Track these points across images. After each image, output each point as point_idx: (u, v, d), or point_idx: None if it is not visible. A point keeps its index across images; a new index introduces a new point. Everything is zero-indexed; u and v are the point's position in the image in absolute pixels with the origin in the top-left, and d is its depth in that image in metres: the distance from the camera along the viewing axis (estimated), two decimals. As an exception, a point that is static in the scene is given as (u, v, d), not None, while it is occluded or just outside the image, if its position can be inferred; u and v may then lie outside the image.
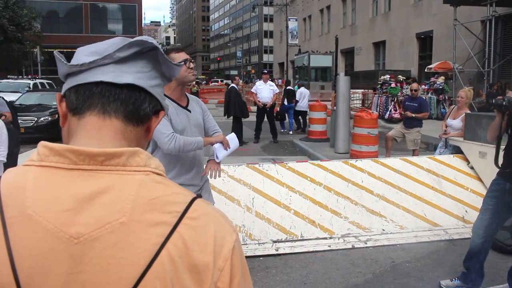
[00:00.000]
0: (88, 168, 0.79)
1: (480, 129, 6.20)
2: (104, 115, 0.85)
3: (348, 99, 11.08)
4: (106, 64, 0.85)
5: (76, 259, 0.74)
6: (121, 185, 0.79)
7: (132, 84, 0.86)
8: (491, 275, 4.21)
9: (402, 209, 5.71)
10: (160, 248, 0.76)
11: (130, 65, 0.87)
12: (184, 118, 3.16)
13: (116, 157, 0.81)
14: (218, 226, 0.84)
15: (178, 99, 3.18)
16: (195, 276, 0.79)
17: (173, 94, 3.15)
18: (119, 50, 0.86)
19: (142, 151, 0.84)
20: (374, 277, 4.40)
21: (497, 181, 3.80)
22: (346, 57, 39.16)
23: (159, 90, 0.92)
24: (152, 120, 0.92)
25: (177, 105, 3.16)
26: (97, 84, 0.85)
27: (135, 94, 0.87)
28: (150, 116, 0.90)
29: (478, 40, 17.94)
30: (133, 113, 0.87)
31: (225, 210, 5.20)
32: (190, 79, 3.20)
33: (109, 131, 0.85)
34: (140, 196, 0.79)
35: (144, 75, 0.89)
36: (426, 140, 11.47)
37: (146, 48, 0.89)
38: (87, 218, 0.76)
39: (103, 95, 0.85)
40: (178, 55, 3.16)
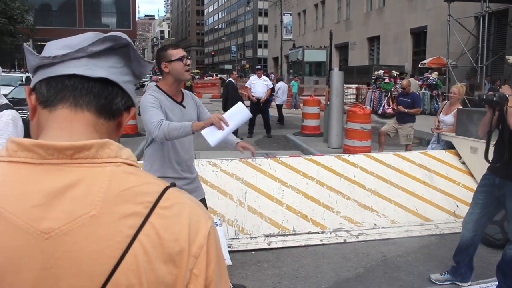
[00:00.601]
0: (58, 162, 0.79)
1: (472, 124, 6.24)
2: (76, 108, 0.85)
3: (342, 94, 11.10)
4: (79, 58, 0.85)
5: (47, 254, 0.74)
6: (92, 178, 0.79)
7: (105, 78, 0.86)
8: (480, 269, 4.25)
9: (394, 203, 5.74)
10: (132, 240, 0.76)
11: (103, 60, 0.87)
12: (179, 113, 3.19)
13: (85, 149, 0.80)
14: (193, 213, 0.84)
15: (174, 95, 3.21)
16: (170, 265, 0.79)
17: (169, 89, 3.19)
18: (92, 44, 0.85)
19: (112, 142, 0.84)
20: (365, 271, 4.43)
21: (487, 176, 3.83)
22: (340, 52, 39.17)
23: (130, 86, 0.92)
24: (124, 116, 0.92)
25: (173, 100, 3.18)
26: (69, 77, 0.84)
27: (108, 89, 0.87)
28: (122, 111, 0.90)
29: (471, 36, 17.98)
30: (105, 107, 0.87)
31: (217, 204, 5.22)
32: (186, 77, 3.21)
33: (81, 123, 0.85)
34: (111, 188, 0.79)
35: (117, 71, 0.89)
36: (419, 136, 11.52)
37: (119, 44, 0.89)
38: (57, 212, 0.75)
39: (76, 88, 0.85)
40: (176, 51, 3.16)
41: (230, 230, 5.06)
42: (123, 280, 0.75)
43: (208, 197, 5.27)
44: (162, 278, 0.78)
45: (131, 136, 11.88)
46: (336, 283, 4.17)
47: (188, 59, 3.20)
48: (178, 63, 3.14)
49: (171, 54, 3.15)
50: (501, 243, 4.57)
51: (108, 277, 0.74)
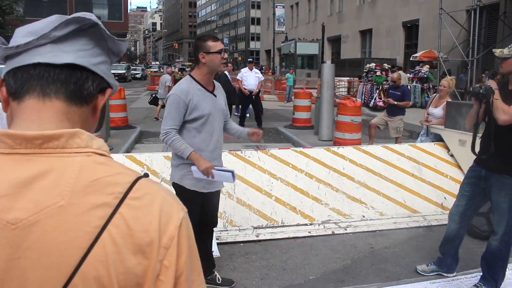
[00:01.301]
0: (26, 152, 0.78)
1: (460, 117, 6.27)
2: (44, 97, 0.82)
3: (333, 87, 11.11)
4: (44, 45, 0.82)
5: (15, 245, 0.73)
6: (61, 168, 0.78)
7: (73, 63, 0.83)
8: (465, 260, 4.29)
9: (383, 196, 5.77)
10: (101, 231, 0.75)
11: (70, 44, 0.84)
12: (210, 102, 3.37)
13: (54, 139, 0.79)
14: (164, 204, 0.83)
15: (206, 84, 3.39)
16: (140, 256, 0.77)
17: (202, 79, 3.37)
18: (55, 29, 0.82)
19: (82, 132, 0.82)
20: (352, 263, 4.46)
21: (474, 168, 3.86)
22: (332, 45, 39.15)
23: (103, 67, 0.89)
24: (99, 99, 0.89)
25: (205, 90, 3.36)
26: (34, 66, 0.82)
27: (76, 74, 0.84)
28: (95, 95, 0.88)
29: (462, 29, 18.04)
30: (75, 93, 0.84)
31: (206, 196, 5.21)
32: (221, 69, 3.44)
33: (50, 113, 0.82)
34: (81, 178, 0.78)
35: (86, 53, 0.85)
36: (409, 128, 11.57)
37: (86, 25, 0.86)
38: (25, 203, 0.74)
39: (42, 77, 0.82)
40: (215, 44, 3.31)
41: (218, 222, 5.05)
42: (91, 271, 0.74)
43: (197, 189, 5.29)
44: (132, 269, 0.77)
45: (122, 128, 11.82)
46: (323, 275, 4.19)
47: (225, 53, 3.36)
48: (216, 56, 3.29)
49: (210, 46, 3.28)
50: (486, 235, 4.60)
51: (76, 268, 0.73)
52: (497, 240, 3.67)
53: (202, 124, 3.35)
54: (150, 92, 29.53)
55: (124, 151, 8.52)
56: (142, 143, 10.96)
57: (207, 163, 3.29)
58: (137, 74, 51.16)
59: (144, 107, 19.08)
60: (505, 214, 3.60)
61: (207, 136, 3.39)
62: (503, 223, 3.62)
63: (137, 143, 10.80)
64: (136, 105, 19.90)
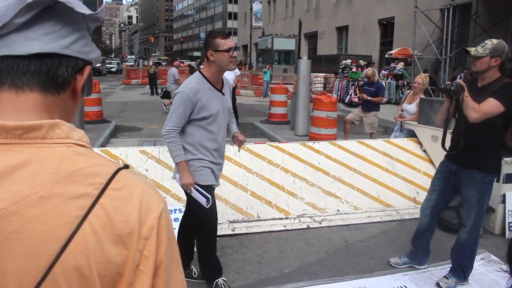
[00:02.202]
0: (6, 142, 0.77)
1: (433, 114, 6.39)
2: (17, 90, 0.80)
3: (309, 82, 11.17)
4: (7, 34, 0.78)
5: None
6: (41, 159, 0.77)
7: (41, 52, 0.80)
8: (436, 252, 4.40)
9: (357, 190, 5.85)
10: (81, 221, 0.75)
11: (36, 29, 0.80)
12: (219, 101, 3.33)
13: (35, 129, 0.78)
14: (144, 195, 0.83)
15: (215, 82, 3.34)
16: (120, 246, 0.78)
17: (211, 77, 3.32)
18: (16, 16, 0.77)
19: (63, 122, 0.81)
20: (327, 256, 4.52)
21: (444, 163, 3.95)
22: (309, 41, 39.32)
23: (77, 46, 0.85)
24: (77, 80, 0.86)
25: (214, 88, 3.32)
26: (1, 59, 0.79)
27: (47, 62, 0.81)
28: (71, 79, 0.85)
29: (436, 28, 18.36)
30: (49, 83, 0.82)
31: (182, 190, 5.18)
32: (230, 68, 3.31)
33: (27, 104, 0.81)
34: (61, 169, 0.77)
35: (55, 36, 0.81)
36: (384, 124, 11.73)
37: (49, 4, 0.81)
38: (4, 192, 0.74)
39: (11, 70, 0.79)
40: (224, 41, 3.23)
41: (194, 216, 5.06)
42: (71, 260, 0.74)
43: (173, 184, 5.27)
44: (112, 259, 0.77)
45: (96, 122, 11.67)
46: (298, 268, 4.24)
47: (235, 51, 3.28)
48: (224, 54, 3.22)
49: (219, 43, 3.21)
50: (456, 228, 4.72)
51: (56, 258, 0.73)
52: (466, 232, 3.78)
53: (210, 123, 3.32)
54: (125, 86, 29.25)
55: (98, 145, 8.42)
56: (117, 138, 10.86)
57: (190, 179, 3.29)
58: (112, 68, 50.47)
59: (119, 101, 18.89)
60: (474, 208, 3.70)
61: (213, 135, 3.36)
62: (472, 216, 3.73)
63: (112, 137, 10.70)
64: (111, 99, 19.67)
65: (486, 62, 3.51)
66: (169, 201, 5.07)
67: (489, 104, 3.44)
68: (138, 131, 11.84)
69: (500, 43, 3.55)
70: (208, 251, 3.69)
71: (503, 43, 3.57)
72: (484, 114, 3.45)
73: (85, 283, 0.75)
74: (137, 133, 11.57)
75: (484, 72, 3.57)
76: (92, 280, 0.75)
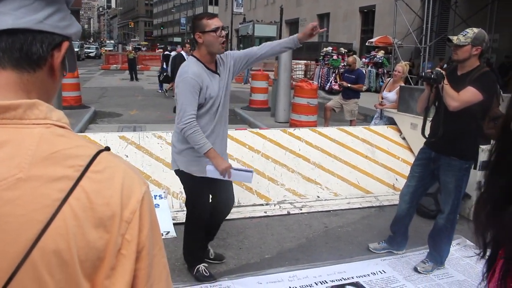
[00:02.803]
0: None
1: (413, 101, 6.46)
2: None
3: (290, 69, 11.17)
4: None
5: None
6: (19, 139, 0.75)
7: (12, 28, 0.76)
8: (414, 238, 4.47)
9: (337, 177, 5.90)
10: (61, 204, 0.73)
11: (6, 3, 0.76)
12: (216, 85, 3.24)
13: (11, 109, 0.75)
14: (126, 178, 0.81)
15: (209, 64, 3.23)
16: (101, 230, 0.76)
17: (204, 59, 3.22)
18: None
19: (41, 103, 0.79)
20: (307, 242, 4.56)
21: (424, 150, 4.00)
22: (290, 28, 39.15)
23: (53, 20, 0.81)
24: (54, 57, 0.82)
25: (210, 71, 3.22)
26: None
27: (20, 38, 0.78)
28: (47, 56, 0.81)
29: (417, 17, 18.48)
30: (23, 60, 0.79)
31: (162, 177, 5.19)
32: (219, 49, 3.16)
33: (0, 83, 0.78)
34: (40, 150, 0.75)
35: (28, 10, 0.77)
36: (364, 112, 11.82)
37: None
38: None
39: None
40: (210, 21, 3.13)
41: (175, 203, 5.05)
42: (50, 244, 0.72)
43: (153, 170, 5.25)
44: (93, 243, 0.75)
45: (75, 108, 11.49)
46: (279, 253, 4.27)
47: (223, 30, 3.15)
48: (211, 35, 3.11)
49: (206, 24, 3.11)
50: (434, 214, 4.80)
51: (35, 242, 0.71)
52: (443, 218, 3.85)
53: (210, 106, 3.25)
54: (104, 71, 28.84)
55: (77, 131, 8.31)
56: (97, 124, 10.73)
57: (226, 163, 3.20)
58: (91, 53, 49.73)
59: (98, 87, 18.64)
60: (451, 194, 3.77)
61: (216, 119, 3.29)
62: (449, 202, 3.79)
63: (91, 123, 10.56)
64: (90, 85, 19.39)
65: (467, 50, 3.55)
66: (149, 187, 5.03)
67: (468, 93, 3.48)
68: (117, 117, 11.71)
69: (481, 32, 3.59)
70: (191, 240, 3.70)
71: (484, 32, 3.61)
72: (463, 103, 3.50)
73: (65, 268, 0.73)
74: (116, 119, 11.44)
75: (465, 60, 3.60)
76: (72, 264, 0.74)
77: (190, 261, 3.77)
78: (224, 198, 3.69)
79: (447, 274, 3.94)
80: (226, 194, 3.67)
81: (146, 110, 12.85)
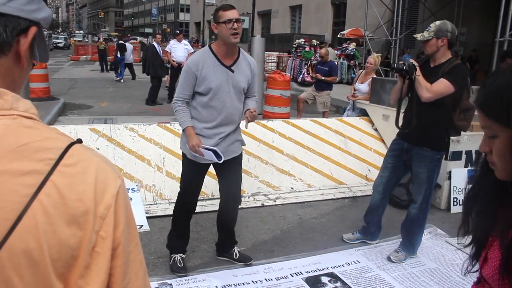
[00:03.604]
0: None
1: (384, 93, 6.53)
2: None
3: (263, 61, 11.16)
4: None
5: None
6: None
7: None
8: (387, 227, 4.53)
9: (311, 168, 5.92)
10: (30, 200, 0.69)
11: None
12: (222, 76, 3.26)
13: None
14: (100, 171, 0.77)
15: (222, 57, 3.28)
16: (74, 227, 0.72)
17: (218, 51, 3.29)
18: None
19: (6, 92, 0.74)
20: (281, 233, 4.57)
21: (397, 141, 4.04)
22: (263, 20, 39.11)
23: (18, 3, 0.76)
24: (20, 43, 0.78)
25: (219, 62, 3.26)
26: None
27: None
28: (11, 42, 0.76)
29: (387, 9, 18.68)
30: None
31: (135, 170, 5.11)
32: (232, 41, 3.20)
33: None
34: (6, 143, 0.71)
35: None
36: (336, 104, 11.90)
37: None
38: None
39: None
40: (225, 13, 3.21)
41: (148, 196, 4.98)
42: (19, 244, 0.68)
43: (125, 163, 5.16)
44: (66, 241, 0.71)
45: (43, 100, 11.19)
46: (254, 246, 4.26)
47: (235, 23, 3.18)
48: (223, 26, 3.18)
49: (220, 15, 3.21)
50: (406, 204, 4.88)
51: (2, 242, 0.67)
52: (415, 208, 3.91)
53: (211, 97, 3.29)
54: (73, 62, 28.22)
55: (46, 123, 8.02)
56: (66, 116, 10.49)
57: (195, 140, 3.26)
58: (59, 43, 48.46)
59: (67, 78, 18.22)
60: (423, 184, 3.83)
61: (214, 110, 3.32)
62: (421, 192, 3.85)
63: (60, 115, 10.32)
64: (59, 76, 18.93)
65: (434, 44, 3.62)
66: (121, 180, 4.95)
67: (441, 84, 3.53)
68: (88, 109, 11.48)
69: (443, 23, 3.67)
70: (172, 226, 3.74)
71: (447, 23, 3.68)
72: (436, 94, 3.54)
73: (36, 268, 0.69)
74: (87, 111, 11.21)
75: (435, 53, 3.67)
76: (43, 264, 0.70)
77: (168, 247, 3.79)
78: (226, 193, 3.72)
79: (420, 262, 4.02)
80: (228, 189, 3.69)
81: (117, 102, 12.63)
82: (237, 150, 3.58)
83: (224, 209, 3.81)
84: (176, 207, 3.73)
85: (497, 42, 11.42)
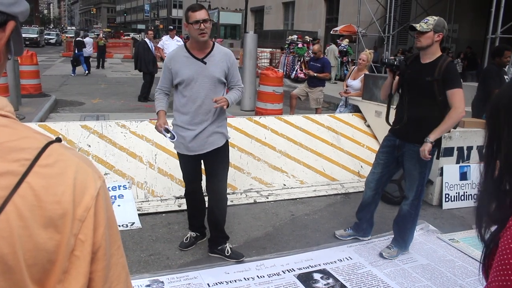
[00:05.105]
0: None
1: (377, 89, 6.53)
2: None
3: (255, 57, 11.13)
4: None
5: None
6: None
7: None
8: (379, 224, 4.54)
9: (303, 164, 5.92)
10: (4, 203, 0.66)
11: None
12: (195, 68, 3.51)
13: None
14: (79, 172, 0.74)
15: (195, 51, 3.54)
16: (51, 230, 0.69)
17: (191, 47, 3.57)
18: None
19: None
20: (274, 230, 4.56)
21: (388, 137, 4.04)
22: (256, 16, 39.03)
23: None
24: None
25: (191, 56, 3.53)
26: None
27: None
28: None
29: (380, 6, 18.69)
30: None
31: (126, 167, 5.08)
32: (200, 39, 3.45)
33: None
34: None
35: None
36: (329, 100, 11.91)
37: None
38: None
39: None
40: (193, 14, 3.44)
41: (139, 193, 4.95)
42: None
43: (117, 160, 5.13)
44: (42, 245, 0.69)
45: (35, 96, 11.10)
46: (246, 242, 4.25)
47: (202, 24, 3.42)
48: (191, 26, 3.45)
49: (189, 16, 3.45)
50: (398, 200, 4.89)
51: None
52: (407, 204, 3.91)
53: (184, 87, 3.55)
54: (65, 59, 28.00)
55: (37, 120, 8.05)
56: (58, 112, 10.41)
57: (160, 121, 3.60)
58: (51, 39, 48.03)
59: (59, 75, 18.09)
60: (415, 180, 3.83)
61: (189, 100, 3.55)
62: (413, 188, 3.86)
63: (51, 112, 10.24)
64: (51, 72, 18.79)
65: (430, 37, 3.62)
66: (113, 178, 4.93)
67: (458, 96, 3.59)
68: (79, 106, 11.40)
69: (441, 19, 3.69)
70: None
71: (443, 20, 3.71)
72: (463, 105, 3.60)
73: (10, 275, 0.66)
74: (78, 108, 11.14)
75: (428, 47, 3.66)
76: (18, 270, 0.67)
77: None
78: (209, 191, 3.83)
79: (411, 258, 4.02)
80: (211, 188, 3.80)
81: (110, 99, 12.55)
82: (217, 142, 3.67)
83: (210, 207, 3.86)
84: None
85: (489, 39, 11.46)
